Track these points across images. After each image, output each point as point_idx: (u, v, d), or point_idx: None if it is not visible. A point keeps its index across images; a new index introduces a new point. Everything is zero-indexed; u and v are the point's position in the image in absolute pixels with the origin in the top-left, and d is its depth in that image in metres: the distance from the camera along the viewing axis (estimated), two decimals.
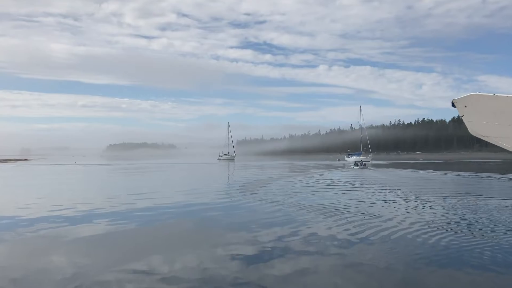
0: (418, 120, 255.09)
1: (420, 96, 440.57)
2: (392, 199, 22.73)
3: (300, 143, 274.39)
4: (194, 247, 11.57)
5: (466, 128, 9.75)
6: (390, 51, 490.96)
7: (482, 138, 9.98)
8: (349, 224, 14.68)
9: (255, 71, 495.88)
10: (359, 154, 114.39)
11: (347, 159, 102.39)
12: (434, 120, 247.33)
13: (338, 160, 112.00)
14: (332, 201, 21.52)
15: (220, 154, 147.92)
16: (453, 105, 9.47)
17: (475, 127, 9.57)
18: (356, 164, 69.60)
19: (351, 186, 33.06)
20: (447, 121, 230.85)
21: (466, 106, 9.27)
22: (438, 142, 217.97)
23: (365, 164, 69.94)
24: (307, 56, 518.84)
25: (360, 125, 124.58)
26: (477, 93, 9.01)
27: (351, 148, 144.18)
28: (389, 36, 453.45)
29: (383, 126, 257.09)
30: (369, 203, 20.77)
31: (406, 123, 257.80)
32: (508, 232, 13.13)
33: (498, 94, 8.65)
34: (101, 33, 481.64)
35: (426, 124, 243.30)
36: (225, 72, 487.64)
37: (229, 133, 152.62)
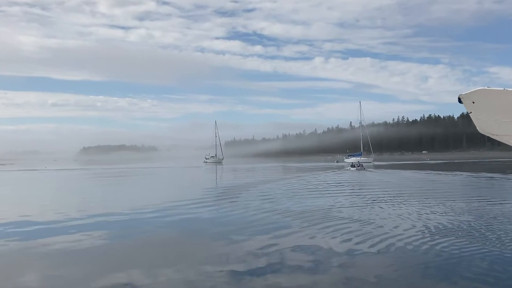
0: (423, 116, 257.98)
1: (426, 90, 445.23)
2: (387, 203, 22.93)
3: (294, 144, 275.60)
4: (176, 261, 11.53)
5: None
6: (393, 41, 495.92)
7: (491, 136, 9.96)
8: (336, 232, 14.79)
9: (244, 65, 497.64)
10: (360, 155, 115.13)
11: (346, 160, 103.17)
12: (442, 117, 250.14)
13: (337, 162, 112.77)
14: (322, 207, 21.70)
15: (207, 157, 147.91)
16: (460, 101, 9.32)
17: (484, 125, 9.43)
18: (352, 166, 70.29)
19: (345, 189, 33.32)
20: (456, 118, 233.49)
21: (473, 102, 9.08)
22: (446, 140, 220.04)
23: (362, 165, 70.69)
24: (301, 47, 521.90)
25: (360, 123, 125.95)
26: (486, 87, 8.94)
27: (351, 148, 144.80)
28: (391, 25, 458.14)
29: (385, 123, 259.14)
30: (362, 208, 20.99)
31: (410, 120, 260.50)
32: None
33: (509, 89, 8.50)
34: (72, 23, 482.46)
35: (432, 121, 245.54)
36: (211, 66, 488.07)
37: (216, 133, 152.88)
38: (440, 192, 28.77)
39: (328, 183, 40.15)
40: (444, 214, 18.47)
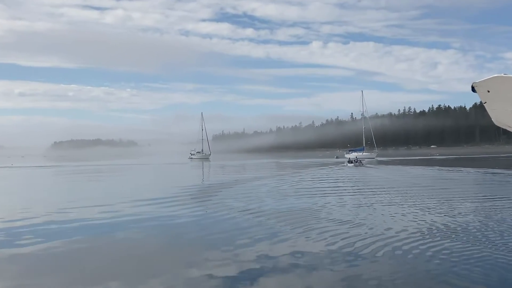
0: (432, 107, 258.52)
1: (435, 78, 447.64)
2: (383, 203, 23.10)
3: (290, 138, 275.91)
4: (158, 269, 11.58)
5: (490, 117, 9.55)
6: (398, 24, 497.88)
7: (508, 129, 9.89)
8: (324, 234, 14.90)
9: (233, 50, 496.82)
10: (362, 150, 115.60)
11: (347, 155, 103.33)
12: (452, 107, 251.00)
13: (336, 157, 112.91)
14: (310, 207, 21.90)
15: (192, 152, 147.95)
16: (473, 89, 9.20)
17: (500, 116, 9.33)
18: (350, 161, 71.27)
19: (338, 188, 33.54)
20: (468, 108, 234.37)
21: (488, 91, 8.93)
22: (457, 134, 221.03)
23: (360, 161, 71.69)
24: (297, 30, 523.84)
25: (362, 114, 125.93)
26: (502, 74, 8.82)
27: (352, 142, 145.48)
28: (396, 5, 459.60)
29: (390, 115, 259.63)
30: (353, 208, 21.18)
31: (418, 111, 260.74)
32: None
33: None
34: (42, 4, 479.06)
35: (442, 112, 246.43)
36: (196, 51, 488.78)
37: (203, 126, 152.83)
38: (447, 191, 28.96)
39: (320, 181, 40.46)
40: (445, 215, 18.60)
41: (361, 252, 12.59)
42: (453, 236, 14.37)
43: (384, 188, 31.87)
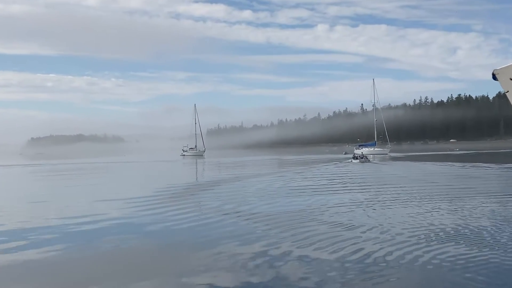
0: (451, 97, 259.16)
1: (455, 64, 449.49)
2: (384, 204, 23.24)
3: (293, 132, 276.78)
4: (135, 277, 11.68)
5: None
6: (413, 4, 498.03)
7: None
8: (313, 238, 14.92)
9: (229, 34, 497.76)
10: (373, 145, 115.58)
11: (356, 151, 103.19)
12: (474, 97, 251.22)
13: (345, 153, 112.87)
14: (304, 207, 22.11)
15: (184, 149, 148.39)
16: (494, 77, 9.01)
17: None
18: (355, 158, 72.38)
19: (336, 186, 33.76)
20: (491, 98, 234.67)
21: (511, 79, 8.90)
22: (479, 126, 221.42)
23: (366, 157, 72.73)
24: (300, 12, 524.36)
25: (373, 105, 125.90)
26: None
27: (362, 136, 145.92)
28: None
29: (404, 106, 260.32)
30: (349, 210, 21.17)
31: (435, 101, 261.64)
32: None
33: None
34: None
35: (462, 102, 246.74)
36: (188, 36, 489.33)
37: (196, 120, 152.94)
38: (466, 190, 28.64)
39: (320, 179, 40.67)
40: (463, 217, 18.49)
41: (362, 259, 12.45)
42: (479, 241, 14.11)
43: (389, 185, 32.02)
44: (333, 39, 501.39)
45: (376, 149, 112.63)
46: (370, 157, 79.64)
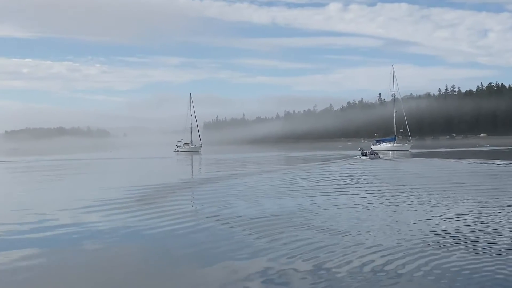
0: (482, 85, 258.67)
1: (485, 49, 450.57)
2: (389, 205, 23.68)
3: (302, 125, 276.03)
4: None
5: None
6: None
7: None
8: (303, 248, 15.05)
9: (229, 14, 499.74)
10: (393, 140, 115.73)
11: (373, 147, 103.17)
12: (507, 86, 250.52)
13: (360, 150, 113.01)
14: (298, 210, 22.54)
15: (178, 144, 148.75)
16: None
17: None
18: (364, 154, 73.25)
19: (339, 185, 34.39)
20: None
21: None
22: None
23: (377, 153, 74.35)
24: None
25: (393, 95, 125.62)
26: None
27: (380, 130, 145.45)
28: None
29: (428, 96, 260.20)
30: (346, 213, 21.57)
31: (463, 90, 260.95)
32: None
33: None
34: None
35: (494, 91, 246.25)
36: (183, 16, 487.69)
37: (192, 111, 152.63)
38: (495, 191, 28.69)
39: (322, 177, 41.29)
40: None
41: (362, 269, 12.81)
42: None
43: (399, 184, 32.46)
44: (347, 19, 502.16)
45: (395, 144, 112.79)
46: (389, 153, 79.85)
